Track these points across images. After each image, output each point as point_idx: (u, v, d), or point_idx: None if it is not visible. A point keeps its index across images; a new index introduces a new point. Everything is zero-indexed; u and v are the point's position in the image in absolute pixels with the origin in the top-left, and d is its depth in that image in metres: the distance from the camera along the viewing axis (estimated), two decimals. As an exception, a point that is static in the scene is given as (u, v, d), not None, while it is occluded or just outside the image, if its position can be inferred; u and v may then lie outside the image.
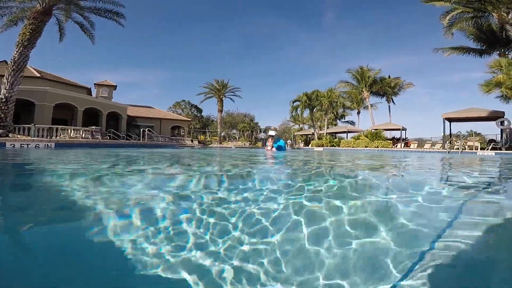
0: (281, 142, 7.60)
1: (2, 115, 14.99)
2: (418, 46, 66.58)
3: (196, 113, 54.24)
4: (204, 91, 39.46)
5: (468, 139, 21.25)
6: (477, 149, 18.57)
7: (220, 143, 36.43)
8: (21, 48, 14.63)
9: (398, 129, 27.43)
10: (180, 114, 48.25)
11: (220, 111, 39.60)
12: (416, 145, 24.24)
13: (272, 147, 7.20)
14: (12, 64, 14.83)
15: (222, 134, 41.61)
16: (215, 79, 38.97)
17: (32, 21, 14.63)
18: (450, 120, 22.51)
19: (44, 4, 14.94)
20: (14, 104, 15.45)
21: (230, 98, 40.17)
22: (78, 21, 17.43)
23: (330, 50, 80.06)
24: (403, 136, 27.67)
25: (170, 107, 52.97)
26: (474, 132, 23.12)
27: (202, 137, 41.40)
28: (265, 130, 49.94)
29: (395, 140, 27.33)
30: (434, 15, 17.37)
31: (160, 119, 33.39)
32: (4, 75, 15.02)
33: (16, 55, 14.72)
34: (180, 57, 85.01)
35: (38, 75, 22.75)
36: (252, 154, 6.14)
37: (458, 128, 54.01)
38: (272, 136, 7.68)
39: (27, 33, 14.46)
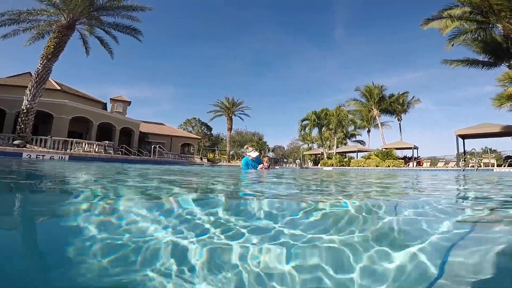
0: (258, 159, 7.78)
1: (22, 126, 15.49)
2: (429, 61, 67.10)
3: (206, 131, 55.02)
4: (214, 108, 40.00)
5: (483, 156, 20.69)
6: (493, 166, 17.99)
7: (229, 161, 36.47)
8: (45, 61, 15.46)
9: (410, 148, 26.98)
10: (190, 131, 48.96)
11: (230, 129, 39.84)
12: (429, 163, 23.69)
13: (268, 167, 7.51)
14: (36, 76, 15.61)
15: (231, 152, 41.74)
16: (225, 97, 39.59)
17: (57, 35, 15.58)
18: (464, 137, 22.04)
19: (68, 19, 15.96)
20: (34, 115, 15.98)
21: (240, 117, 40.56)
22: (98, 36, 18.49)
23: (340, 67, 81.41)
24: (415, 155, 27.15)
25: (181, 125, 54.00)
26: (490, 149, 22.45)
27: (211, 155, 41.55)
28: (270, 150, 49.66)
29: (406, 159, 26.82)
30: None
31: (171, 136, 33.95)
32: (27, 87, 15.75)
33: (40, 68, 15.53)
34: (191, 74, 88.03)
35: (59, 88, 23.73)
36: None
37: (472, 145, 52.80)
38: (264, 156, 8.06)
39: (52, 46, 15.36)
